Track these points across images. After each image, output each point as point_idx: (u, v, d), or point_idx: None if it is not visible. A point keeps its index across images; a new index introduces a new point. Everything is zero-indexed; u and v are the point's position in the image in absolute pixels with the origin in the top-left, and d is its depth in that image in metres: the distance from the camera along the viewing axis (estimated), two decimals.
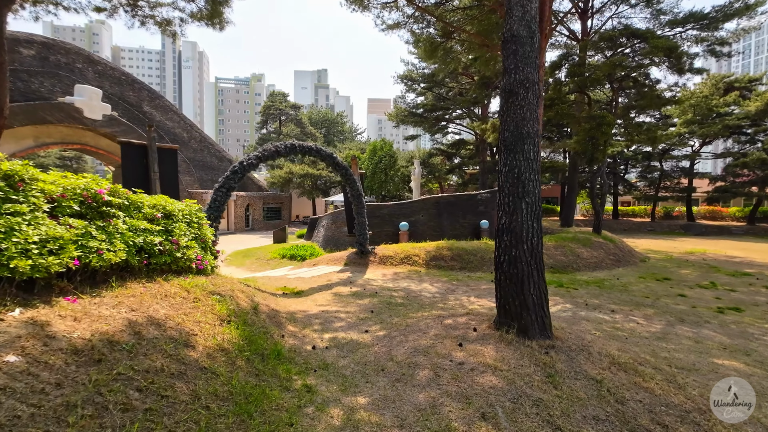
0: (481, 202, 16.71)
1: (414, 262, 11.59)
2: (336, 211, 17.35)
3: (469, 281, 9.94)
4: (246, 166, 8.39)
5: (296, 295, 8.00)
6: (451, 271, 11.26)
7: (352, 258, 11.91)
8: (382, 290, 8.58)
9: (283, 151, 9.04)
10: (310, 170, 30.34)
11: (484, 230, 15.82)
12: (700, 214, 36.31)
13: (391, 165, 28.75)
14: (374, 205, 15.82)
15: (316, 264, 11.96)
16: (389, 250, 12.14)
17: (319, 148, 9.96)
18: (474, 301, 7.91)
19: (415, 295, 8.29)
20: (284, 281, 9.56)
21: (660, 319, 7.04)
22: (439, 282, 9.74)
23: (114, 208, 4.26)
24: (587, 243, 13.95)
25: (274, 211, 34.53)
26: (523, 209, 4.61)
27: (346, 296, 7.92)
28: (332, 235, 16.84)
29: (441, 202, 15.83)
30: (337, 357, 4.54)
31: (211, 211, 7.92)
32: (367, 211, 11.99)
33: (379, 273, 10.70)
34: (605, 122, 14.32)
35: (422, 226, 15.57)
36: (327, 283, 9.32)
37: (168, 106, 27.56)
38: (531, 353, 4.07)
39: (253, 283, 8.26)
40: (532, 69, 4.81)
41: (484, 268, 11.43)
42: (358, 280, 9.67)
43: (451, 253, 11.90)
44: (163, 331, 3.39)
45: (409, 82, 29.64)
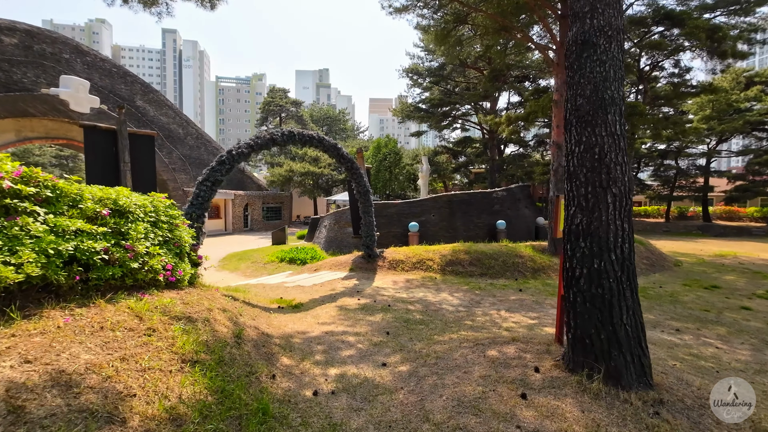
0: (497, 200, 15.41)
1: (428, 268, 10.30)
2: (339, 211, 16.07)
3: (493, 290, 8.64)
4: (235, 155, 7.11)
5: (294, 309, 6.71)
6: (470, 277, 9.96)
7: (358, 262, 10.63)
8: (396, 302, 7.29)
9: (280, 139, 7.76)
10: (311, 168, 29.07)
11: (501, 231, 14.51)
12: (715, 214, 34.92)
13: (396, 163, 27.45)
14: (381, 204, 14.53)
15: (317, 269, 10.68)
16: (399, 254, 10.85)
17: (321, 138, 8.68)
18: (507, 317, 6.61)
19: (435, 308, 7.00)
20: (281, 290, 8.27)
21: (740, 341, 5.73)
22: (460, 291, 8.44)
23: (27, 200, 2.97)
24: None
25: (274, 211, 33.27)
26: (609, 204, 3.30)
27: (354, 310, 6.63)
28: (335, 236, 15.56)
29: (454, 201, 14.53)
30: (347, 411, 3.24)
31: (193, 208, 6.65)
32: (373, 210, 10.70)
33: (389, 280, 9.41)
34: (636, 111, 13.00)
35: (433, 227, 14.27)
36: (331, 293, 8.03)
37: (162, 100, 26.32)
38: (635, 415, 2.77)
39: (243, 294, 6.98)
40: (615, 11, 3.51)
41: (506, 274, 10.12)
42: (367, 289, 8.38)
43: (470, 257, 10.60)
44: (74, 398, 2.11)
45: (415, 75, 28.35)
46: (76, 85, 10.72)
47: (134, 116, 23.33)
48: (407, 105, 28.49)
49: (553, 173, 11.65)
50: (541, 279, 10.02)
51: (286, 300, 7.20)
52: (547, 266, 10.57)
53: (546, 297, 8.19)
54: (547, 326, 6.02)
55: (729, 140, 34.76)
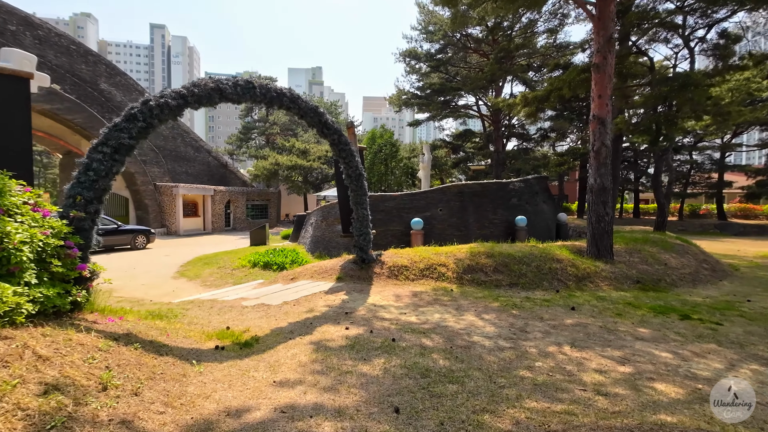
0: (514, 192, 13.02)
1: (440, 276, 7.85)
2: (327, 205, 13.57)
3: (535, 309, 6.22)
4: (154, 107, 4.59)
5: (242, 349, 4.20)
6: (497, 288, 7.53)
7: (348, 269, 8.15)
8: (403, 332, 4.83)
9: (231, 90, 5.25)
10: (299, 161, 26.45)
11: (521, 229, 12.11)
12: (729, 212, 32.94)
13: (393, 155, 24.97)
14: (377, 197, 12.06)
15: (295, 278, 8.16)
16: (402, 258, 8.39)
17: (294, 96, 6.20)
18: (580, 359, 4.18)
19: (464, 343, 4.55)
20: (234, 313, 5.74)
21: None
22: (490, 312, 6.00)
23: None
24: (667, 246, 10.31)
25: (259, 208, 30.60)
26: None
27: (339, 351, 4.15)
28: (322, 235, 13.06)
29: (465, 192, 12.10)
30: None
31: (79, 188, 4.12)
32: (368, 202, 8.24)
33: (389, 294, 6.94)
34: (691, 82, 10.68)
35: (441, 224, 11.83)
36: (306, 316, 5.52)
37: (132, 84, 23.58)
38: None
39: (168, 324, 4.49)
40: None
41: (543, 284, 7.71)
42: (359, 309, 5.90)
43: (493, 261, 8.17)
44: None
45: (413, 60, 25.88)
46: (19, 59, 8.24)
47: (97, 100, 20.57)
48: (403, 92, 25.99)
49: (593, 155, 9.27)
50: (589, 290, 7.62)
51: (235, 332, 4.68)
52: (592, 273, 8.18)
53: (613, 319, 5.78)
54: (656, 380, 3.63)
55: (742, 133, 32.81)
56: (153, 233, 16.20)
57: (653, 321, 5.74)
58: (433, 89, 24.62)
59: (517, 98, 14.70)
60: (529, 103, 14.13)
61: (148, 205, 22.00)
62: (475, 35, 25.22)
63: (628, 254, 9.51)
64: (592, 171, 9.35)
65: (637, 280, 8.19)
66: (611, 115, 9.36)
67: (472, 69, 26.38)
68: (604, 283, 7.95)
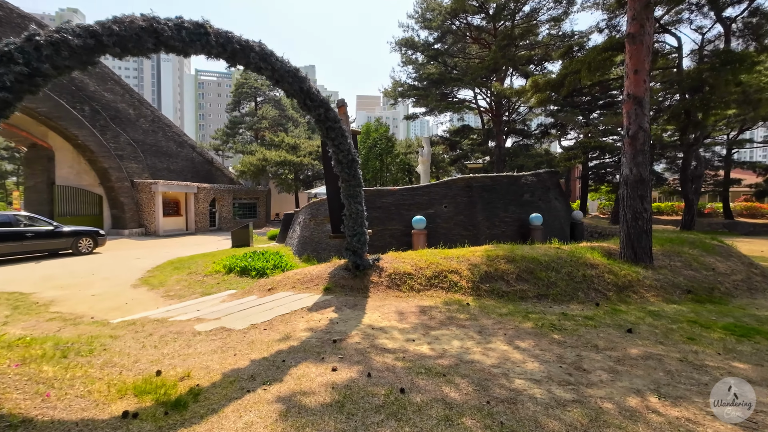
0: (527, 187, 11.62)
1: (452, 285, 6.39)
2: (316, 202, 12.06)
3: (580, 330, 4.78)
4: (44, 45, 3.09)
5: (171, 413, 2.68)
6: (523, 301, 6.10)
7: (339, 277, 6.66)
8: (414, 375, 3.36)
9: (171, 36, 3.75)
10: (288, 157, 24.83)
11: (536, 228, 10.71)
12: (735, 211, 31.98)
13: (388, 150, 23.48)
14: (373, 191, 10.58)
15: (274, 288, 6.65)
16: (405, 262, 6.92)
17: (267, 53, 4.71)
18: (688, 422, 2.74)
19: (505, 395, 3.09)
20: (180, 344, 4.18)
21: None
22: (525, 336, 4.55)
23: None
24: (708, 248, 8.96)
25: (247, 207, 28.91)
26: None
27: (320, 416, 2.67)
28: (311, 235, 11.55)
29: (473, 186, 10.65)
30: None
31: None
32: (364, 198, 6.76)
33: (391, 310, 5.46)
34: (734, 58, 9.31)
35: (446, 222, 10.38)
36: (279, 349, 4.02)
37: (107, 73, 21.84)
38: None
39: (72, 366, 2.97)
40: None
41: (579, 295, 6.29)
42: (351, 334, 4.42)
43: (515, 267, 6.73)
44: None
45: (409, 50, 24.42)
46: None
47: (66, 89, 18.82)
48: (399, 83, 24.49)
49: (629, 142, 7.87)
50: (634, 303, 6.22)
51: (167, 381, 3.15)
52: (634, 281, 6.78)
53: (688, 346, 4.36)
54: None
55: (748, 129, 31.80)
56: (102, 235, 13.87)
57: (742, 350, 4.34)
58: (432, 79, 23.16)
59: (527, 84, 13.34)
60: (541, 89, 12.75)
61: (124, 203, 20.28)
62: (476, 24, 23.85)
63: (667, 257, 8.13)
64: (627, 160, 7.95)
65: (687, 289, 6.80)
66: (649, 93, 7.97)
67: (472, 60, 25.01)
68: (650, 294, 6.55)
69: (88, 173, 19.45)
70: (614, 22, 14.69)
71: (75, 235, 12.96)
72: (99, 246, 13.74)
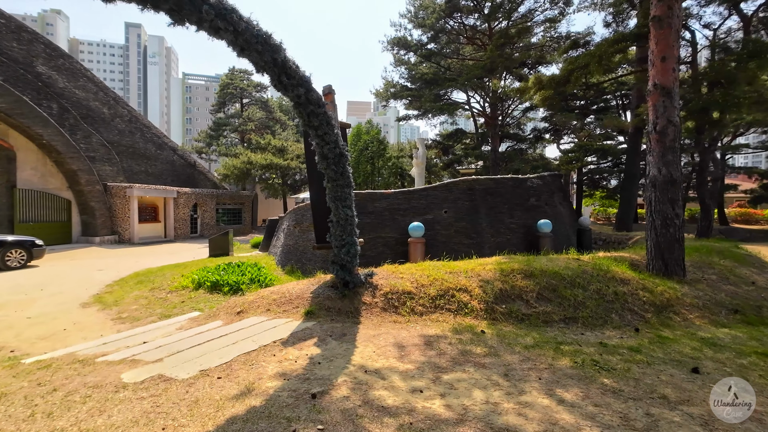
0: (533, 190, 10.63)
1: (461, 307, 5.28)
2: (302, 207, 10.89)
3: (632, 369, 3.70)
4: None
5: None
6: (548, 326, 5.02)
7: (324, 296, 5.50)
8: None
9: None
10: (275, 160, 23.57)
11: (545, 236, 9.70)
12: (730, 217, 31.74)
13: (380, 153, 22.42)
14: (365, 195, 9.46)
15: (244, 311, 5.45)
16: (403, 278, 5.80)
17: (225, 8, 3.58)
18: None
19: None
20: (89, 408, 2.95)
21: None
22: (567, 382, 3.45)
23: None
24: (739, 258, 8.06)
25: (232, 213, 27.50)
26: None
27: None
28: (295, 244, 10.36)
29: (476, 189, 9.58)
30: None
31: None
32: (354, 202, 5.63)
33: (389, 342, 4.32)
34: (759, 49, 8.50)
35: (446, 230, 9.29)
36: (232, 414, 2.83)
37: (79, 69, 20.43)
38: None
39: None
40: None
41: (612, 318, 5.24)
42: (336, 384, 3.27)
43: (535, 284, 5.66)
44: None
45: (402, 50, 23.49)
46: None
47: (32, 84, 17.36)
48: (392, 84, 23.51)
49: (656, 138, 6.91)
50: (679, 326, 5.19)
51: None
52: (673, 299, 5.76)
53: None
54: None
55: (742, 135, 31.62)
56: (40, 246, 11.41)
57: None
58: (425, 80, 22.24)
59: (530, 81, 12.40)
60: (545, 85, 11.82)
61: (95, 208, 18.77)
62: (471, 24, 23.08)
63: (698, 269, 7.17)
64: (654, 159, 6.99)
65: (733, 308, 5.81)
66: (678, 83, 7.04)
67: (466, 61, 24.20)
68: (693, 315, 5.54)
69: (55, 176, 17.93)
70: (623, 15, 13.96)
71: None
72: (35, 259, 11.33)
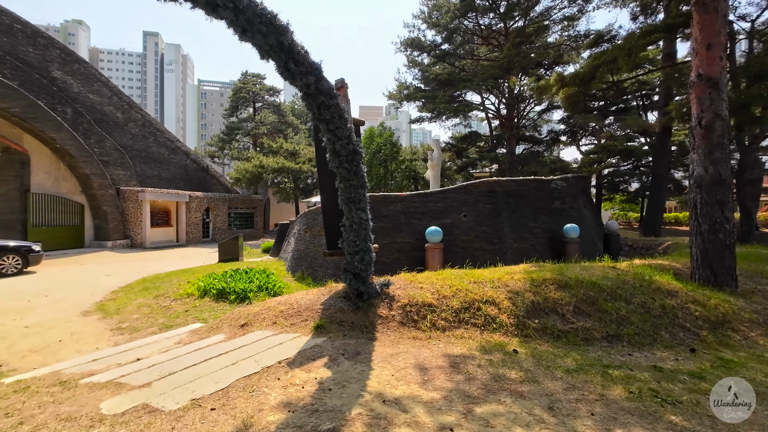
0: (557, 193, 9.98)
1: (488, 321, 4.71)
2: (313, 210, 10.46)
3: (701, 402, 3.08)
4: None
5: None
6: (588, 345, 4.41)
7: (335, 308, 5.00)
8: None
9: None
10: (287, 164, 23.33)
11: (572, 241, 9.05)
12: (759, 221, 30.23)
13: (393, 156, 21.96)
14: (379, 198, 8.96)
15: (248, 324, 4.98)
16: (423, 288, 5.26)
17: None
18: None
19: None
20: None
21: None
22: (627, 421, 2.85)
23: None
24: None
25: (244, 217, 27.36)
26: None
27: None
28: (306, 249, 9.92)
29: (497, 192, 9.00)
30: None
31: None
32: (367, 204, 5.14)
33: (408, 363, 3.79)
34: None
35: (465, 234, 8.72)
36: None
37: (93, 74, 20.54)
38: None
39: None
40: None
41: (662, 335, 4.60)
42: (350, 417, 2.75)
43: (571, 295, 5.06)
44: None
45: (415, 51, 23.06)
46: None
47: (46, 89, 17.46)
48: (405, 85, 23.07)
49: (701, 134, 6.25)
50: (741, 346, 4.52)
51: None
52: (729, 314, 5.08)
53: None
54: None
55: None
56: (37, 252, 11.00)
57: None
58: (439, 80, 21.74)
59: (552, 78, 11.78)
60: (568, 83, 11.19)
61: (108, 212, 18.74)
62: (486, 24, 22.54)
63: (750, 279, 6.46)
64: (699, 157, 6.32)
65: None
66: (726, 72, 6.38)
67: (481, 62, 23.63)
68: (754, 332, 4.86)
69: (68, 180, 17.96)
70: (651, 8, 13.24)
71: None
72: (31, 265, 10.93)
